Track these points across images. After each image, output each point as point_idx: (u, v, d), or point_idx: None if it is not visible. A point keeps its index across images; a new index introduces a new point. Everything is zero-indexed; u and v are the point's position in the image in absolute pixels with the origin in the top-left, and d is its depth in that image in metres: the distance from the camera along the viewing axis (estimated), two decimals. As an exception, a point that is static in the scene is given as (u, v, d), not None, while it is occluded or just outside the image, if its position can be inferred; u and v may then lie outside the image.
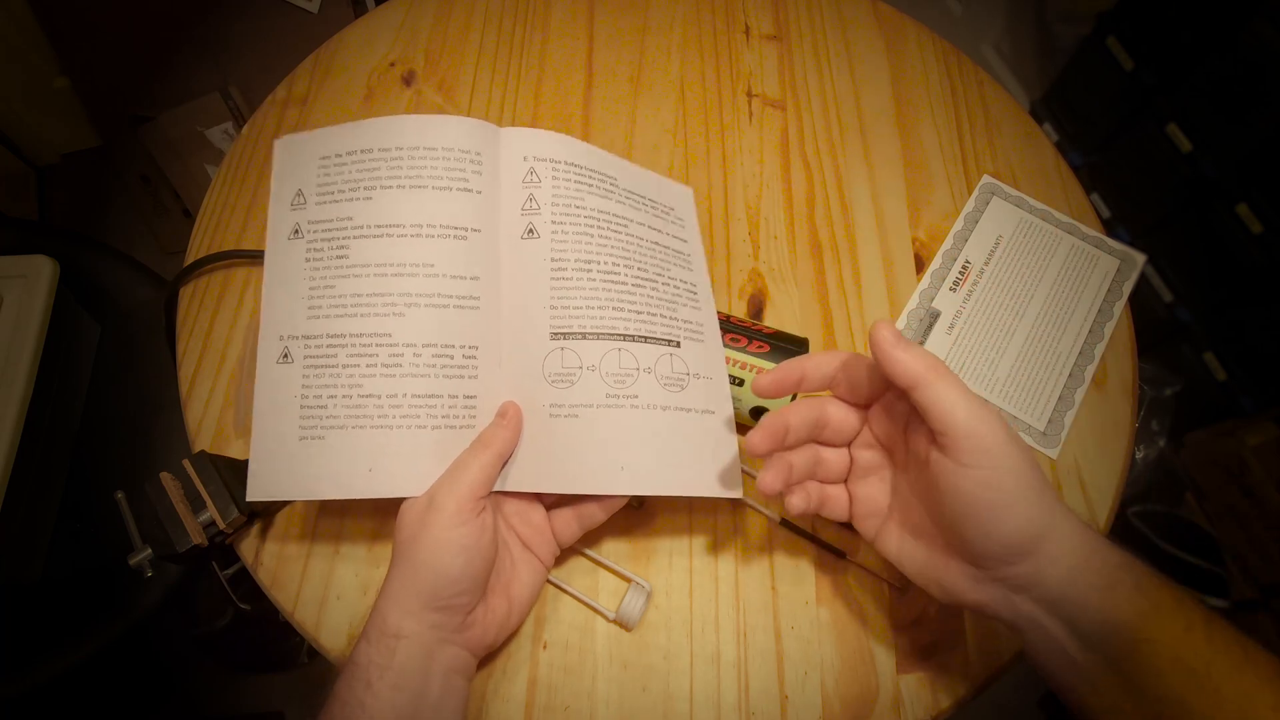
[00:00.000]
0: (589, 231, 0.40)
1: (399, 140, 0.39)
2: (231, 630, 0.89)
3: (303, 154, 0.40)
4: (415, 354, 0.36)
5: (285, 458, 0.36)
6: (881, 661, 0.39)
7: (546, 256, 0.39)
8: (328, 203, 0.39)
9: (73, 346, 0.64)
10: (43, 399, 0.58)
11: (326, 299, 0.37)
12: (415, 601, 0.32)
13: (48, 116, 1.20)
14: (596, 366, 0.38)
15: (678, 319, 0.41)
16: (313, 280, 0.38)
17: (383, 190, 0.38)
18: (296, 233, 0.39)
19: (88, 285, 0.66)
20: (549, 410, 0.37)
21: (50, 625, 0.58)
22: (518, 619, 0.37)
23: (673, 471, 0.37)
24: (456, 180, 0.39)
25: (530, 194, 0.40)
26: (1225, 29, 0.96)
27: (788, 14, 0.62)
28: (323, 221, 0.39)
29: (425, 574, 0.33)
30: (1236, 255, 0.97)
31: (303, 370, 0.37)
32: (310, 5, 1.39)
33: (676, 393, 0.38)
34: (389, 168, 0.39)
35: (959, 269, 0.52)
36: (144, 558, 0.38)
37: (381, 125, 0.40)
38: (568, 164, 0.42)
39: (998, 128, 0.58)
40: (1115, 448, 0.46)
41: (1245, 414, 1.01)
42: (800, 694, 0.38)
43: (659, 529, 0.42)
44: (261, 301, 0.38)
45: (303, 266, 0.38)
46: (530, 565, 0.37)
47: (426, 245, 0.38)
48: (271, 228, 0.39)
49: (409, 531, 0.34)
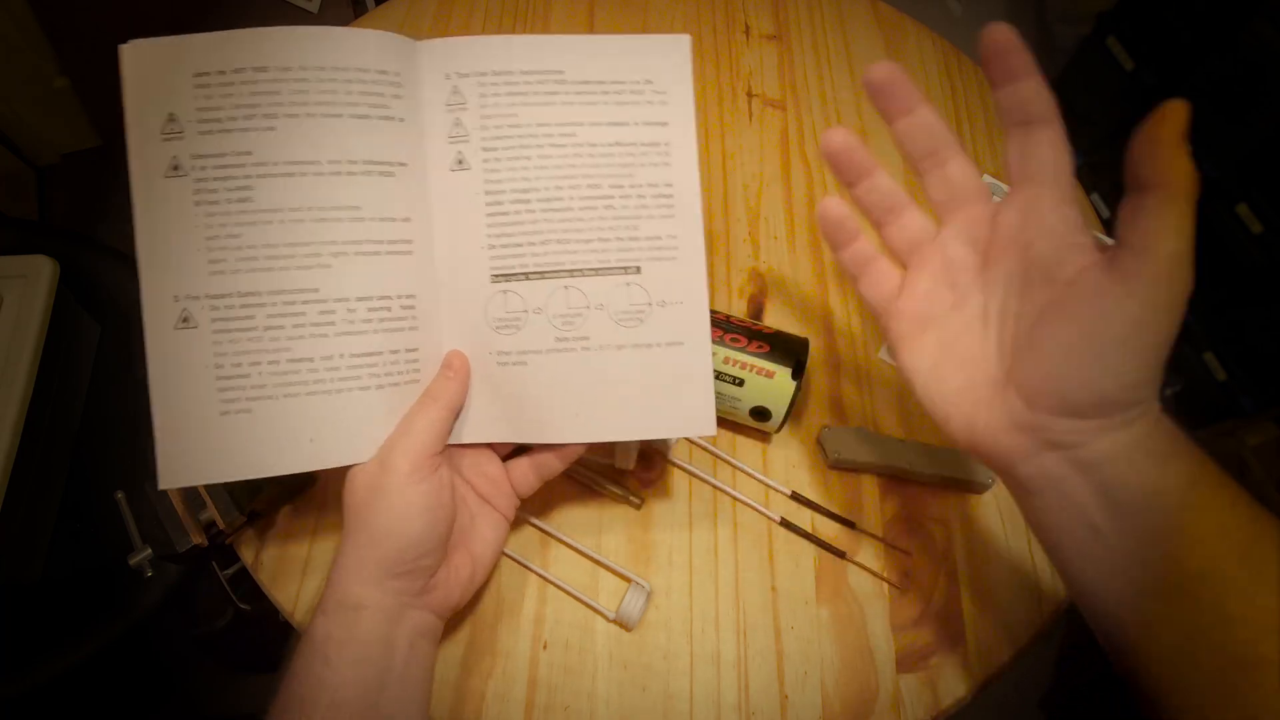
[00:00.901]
0: (526, 154, 0.36)
1: (301, 59, 0.33)
2: (231, 630, 0.89)
3: (169, 67, 0.33)
4: (349, 309, 0.33)
5: (204, 437, 0.32)
6: (881, 661, 0.39)
7: (480, 190, 0.35)
8: (216, 133, 0.32)
9: (73, 346, 0.64)
10: (43, 399, 0.58)
11: (232, 251, 0.32)
12: (376, 569, 0.31)
13: (48, 116, 1.20)
14: (542, 309, 0.35)
15: (639, 238, 0.36)
16: (209, 229, 0.32)
17: (287, 118, 0.33)
18: (176, 169, 0.32)
19: (88, 285, 0.66)
20: (496, 359, 0.35)
21: (50, 625, 0.58)
22: (482, 576, 0.36)
23: (632, 416, 0.35)
24: (375, 107, 0.34)
25: (456, 118, 0.36)
26: (1225, 29, 0.97)
27: (787, 14, 0.62)
28: (212, 156, 0.32)
29: (385, 540, 0.31)
30: (1236, 255, 0.97)
31: (213, 336, 0.32)
32: (310, 5, 1.39)
33: (634, 327, 0.36)
34: (292, 91, 0.33)
35: (959, 269, 0.52)
36: (144, 558, 0.38)
37: (275, 37, 0.33)
38: (497, 74, 0.36)
39: (998, 128, 0.58)
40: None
41: (1245, 414, 1.01)
42: (800, 694, 0.38)
43: (659, 528, 0.42)
44: (138, 255, 0.32)
45: (192, 211, 0.32)
46: (490, 519, 0.36)
47: (347, 184, 0.33)
48: (136, 163, 0.32)
49: (361, 496, 0.32)
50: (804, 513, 0.43)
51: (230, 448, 0.32)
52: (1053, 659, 0.97)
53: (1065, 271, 0.27)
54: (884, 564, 0.42)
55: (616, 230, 0.36)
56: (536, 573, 0.40)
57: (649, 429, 0.36)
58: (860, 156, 0.32)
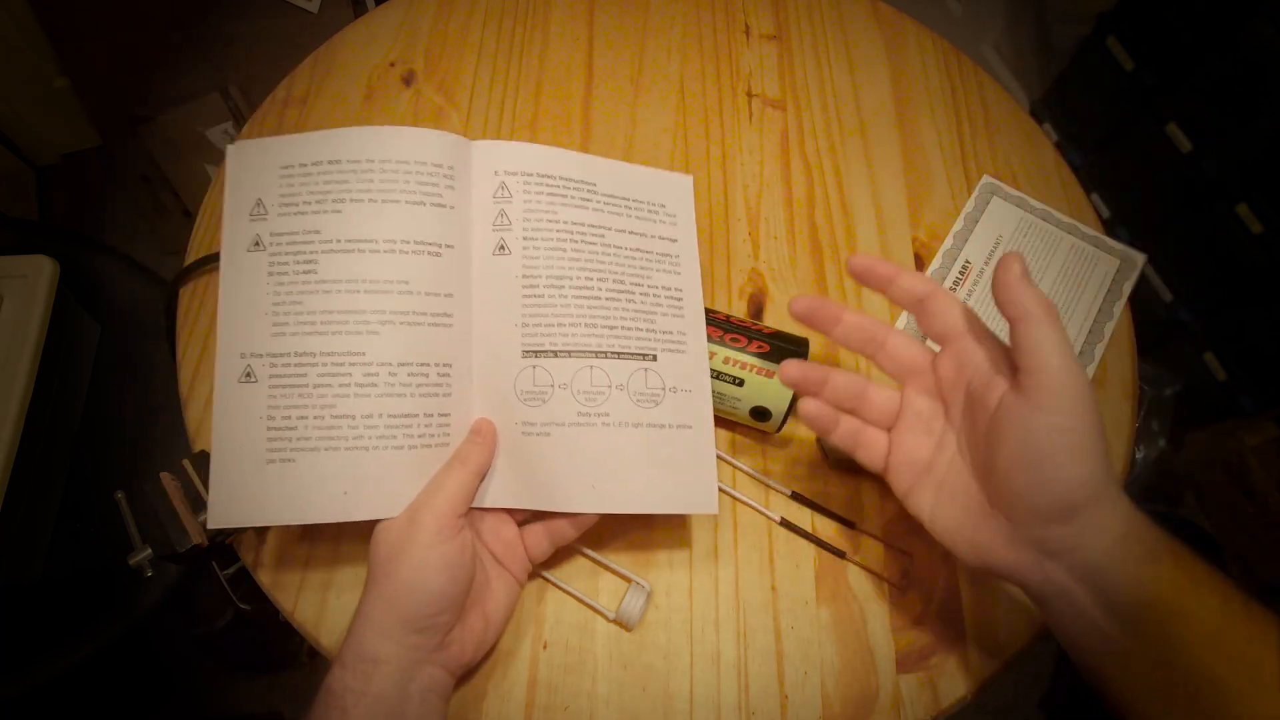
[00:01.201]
0: (562, 246, 0.40)
1: (368, 152, 0.38)
2: (231, 630, 0.89)
3: (262, 162, 0.38)
4: (390, 373, 0.36)
5: (251, 482, 0.35)
6: (881, 661, 0.39)
7: (518, 273, 0.39)
8: (292, 214, 0.37)
9: (73, 346, 0.64)
10: (43, 399, 0.58)
11: (293, 315, 0.36)
12: (395, 624, 0.32)
13: (48, 116, 1.20)
14: (568, 384, 0.38)
15: (655, 331, 0.40)
16: (277, 296, 0.36)
17: (353, 203, 0.37)
18: (257, 244, 0.37)
19: (88, 285, 0.66)
20: (521, 428, 0.37)
21: (50, 625, 0.58)
22: (494, 636, 0.37)
23: (643, 490, 0.37)
24: (429, 194, 0.38)
25: (501, 209, 0.40)
26: (1225, 29, 0.96)
27: (787, 14, 0.62)
28: (287, 234, 0.37)
29: (406, 594, 0.32)
30: (1236, 255, 0.97)
31: (269, 390, 0.35)
32: (310, 5, 1.39)
33: (650, 409, 0.38)
34: (359, 180, 0.38)
35: (959, 269, 0.52)
36: (144, 558, 0.38)
37: (348, 136, 0.38)
38: (540, 176, 0.41)
39: (998, 128, 0.58)
40: (1115, 447, 0.46)
41: (1245, 414, 1.01)
42: (800, 694, 0.38)
43: (659, 529, 0.42)
44: (218, 318, 0.36)
45: (265, 281, 0.36)
46: (505, 582, 0.37)
47: (400, 261, 0.37)
48: (228, 239, 0.37)
49: (387, 551, 0.33)
50: (804, 513, 0.43)
51: (273, 494, 0.35)
52: (1053, 659, 0.97)
53: (991, 400, 0.31)
54: (884, 564, 0.42)
55: (636, 321, 0.40)
56: (536, 572, 0.40)
57: (657, 504, 0.38)
58: (817, 373, 0.36)
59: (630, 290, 0.40)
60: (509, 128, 0.55)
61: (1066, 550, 0.29)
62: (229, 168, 0.38)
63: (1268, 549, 0.99)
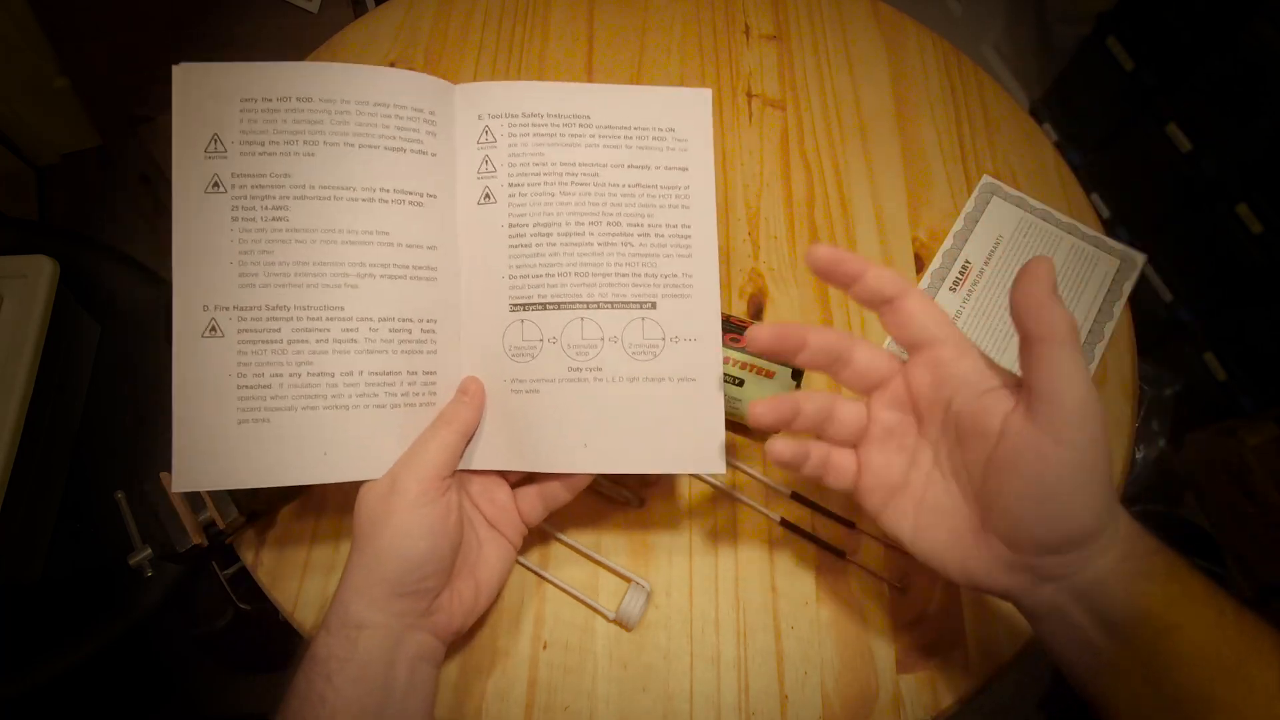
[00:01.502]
0: (550, 191, 0.37)
1: (343, 92, 0.35)
2: (231, 630, 0.89)
3: (217, 90, 0.34)
4: (371, 328, 0.34)
5: (221, 444, 0.33)
6: (881, 661, 0.39)
7: (504, 223, 0.37)
8: (256, 154, 0.34)
9: (73, 346, 0.64)
10: (43, 399, 0.58)
11: (263, 266, 0.34)
12: (379, 589, 0.31)
13: (48, 116, 1.20)
14: (558, 338, 0.36)
15: (657, 275, 0.37)
16: (243, 244, 0.34)
17: (327, 146, 0.35)
18: (216, 185, 0.34)
19: (88, 285, 0.66)
20: (510, 386, 0.36)
21: (50, 625, 0.58)
22: (485, 602, 0.36)
23: (640, 448, 0.36)
24: (410, 141, 0.36)
25: (485, 155, 0.37)
26: (1225, 29, 0.96)
27: (787, 14, 0.62)
28: (251, 176, 0.34)
29: (389, 559, 0.32)
30: (1237, 255, 0.97)
31: (238, 346, 0.33)
32: (310, 5, 1.39)
33: (647, 361, 0.36)
34: (332, 121, 0.35)
35: (959, 269, 0.52)
36: (144, 558, 0.38)
37: (320, 72, 0.35)
38: (526, 115, 0.38)
39: (997, 127, 0.58)
40: (1115, 448, 0.46)
41: (1245, 414, 1.01)
42: (800, 694, 0.38)
43: (659, 528, 0.42)
44: (174, 265, 0.34)
45: (228, 226, 0.34)
46: (497, 546, 0.37)
47: (380, 211, 0.35)
48: (179, 177, 0.34)
49: (369, 515, 0.32)
50: (804, 513, 0.43)
51: (246, 455, 0.33)
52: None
53: (992, 423, 0.29)
54: (884, 564, 0.42)
55: (634, 267, 0.37)
56: (536, 573, 0.40)
57: (657, 463, 0.36)
58: (786, 406, 0.33)
59: (628, 233, 0.37)
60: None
61: (1064, 574, 0.28)
62: (176, 92, 0.34)
63: (1268, 549, 0.98)
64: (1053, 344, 0.27)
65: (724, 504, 0.43)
